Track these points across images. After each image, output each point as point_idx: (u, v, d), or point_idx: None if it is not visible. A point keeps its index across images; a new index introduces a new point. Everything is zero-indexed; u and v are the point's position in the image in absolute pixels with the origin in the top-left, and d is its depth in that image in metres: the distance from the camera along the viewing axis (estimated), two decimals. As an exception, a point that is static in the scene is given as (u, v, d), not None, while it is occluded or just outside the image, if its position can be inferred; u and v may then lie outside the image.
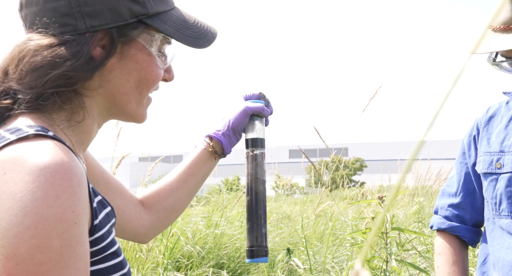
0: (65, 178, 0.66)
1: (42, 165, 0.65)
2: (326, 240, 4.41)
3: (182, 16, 0.88)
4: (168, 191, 1.10)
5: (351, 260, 3.58)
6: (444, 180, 7.49)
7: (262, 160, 1.09)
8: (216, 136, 1.12)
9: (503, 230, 1.38)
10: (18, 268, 0.61)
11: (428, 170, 7.61)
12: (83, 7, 0.77)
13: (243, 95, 1.17)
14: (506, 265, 1.34)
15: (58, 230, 0.63)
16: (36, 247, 0.62)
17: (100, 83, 0.81)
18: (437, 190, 7.28)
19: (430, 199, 6.31)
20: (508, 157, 1.38)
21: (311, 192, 9.85)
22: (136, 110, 0.86)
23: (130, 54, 0.82)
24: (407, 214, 5.12)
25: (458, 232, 1.51)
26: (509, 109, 1.45)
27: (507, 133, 1.42)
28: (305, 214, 4.97)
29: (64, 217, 0.64)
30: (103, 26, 0.78)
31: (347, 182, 9.11)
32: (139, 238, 1.08)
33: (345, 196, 7.75)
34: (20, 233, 0.62)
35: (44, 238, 0.62)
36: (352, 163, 29.98)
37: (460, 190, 1.53)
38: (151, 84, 0.85)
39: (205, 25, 0.90)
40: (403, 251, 2.17)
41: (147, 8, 0.81)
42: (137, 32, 0.81)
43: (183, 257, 3.57)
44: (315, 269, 3.50)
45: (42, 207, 0.63)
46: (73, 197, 0.65)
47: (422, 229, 4.43)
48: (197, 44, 0.86)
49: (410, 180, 8.09)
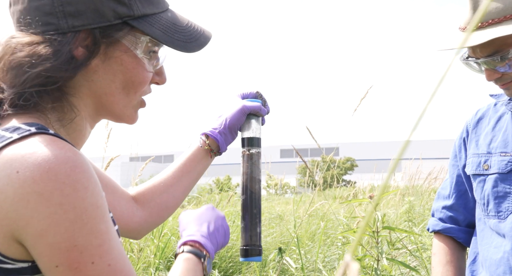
0: (83, 170, 0.69)
1: (59, 161, 0.67)
2: (317, 240, 4.43)
3: (174, 19, 0.86)
4: (163, 188, 1.10)
5: (343, 259, 3.59)
6: (434, 179, 7.55)
7: (258, 159, 1.09)
8: (212, 135, 1.11)
9: (492, 230, 1.40)
10: (84, 255, 0.67)
11: (417, 169, 7.66)
12: (66, 7, 0.77)
13: (240, 93, 1.16)
14: (493, 263, 1.37)
15: (100, 215, 0.69)
16: (90, 234, 0.68)
17: (85, 83, 0.81)
18: (428, 190, 7.33)
19: (421, 198, 6.35)
20: (495, 158, 1.41)
21: (302, 192, 9.87)
22: (123, 111, 0.85)
23: (114, 55, 0.81)
24: (398, 213, 5.15)
25: (452, 233, 1.54)
26: (497, 111, 1.48)
27: (494, 135, 1.44)
28: (296, 213, 4.98)
29: (99, 204, 0.70)
30: (85, 26, 0.77)
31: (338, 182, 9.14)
32: (131, 234, 1.09)
33: (336, 195, 7.78)
34: (70, 227, 0.67)
35: (93, 225, 0.68)
36: (343, 162, 30.08)
37: (452, 192, 1.55)
38: (137, 87, 0.84)
39: (198, 29, 0.88)
40: (393, 250, 2.18)
41: (133, 10, 0.80)
42: (122, 34, 0.80)
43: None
44: (306, 268, 3.51)
45: (77, 200, 0.67)
46: (97, 185, 0.71)
47: (412, 228, 4.46)
48: (185, 48, 0.84)
49: (401, 179, 8.15)
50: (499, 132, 1.44)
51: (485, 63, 1.30)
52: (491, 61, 1.29)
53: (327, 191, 11.07)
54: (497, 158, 1.40)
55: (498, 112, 1.47)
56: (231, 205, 4.71)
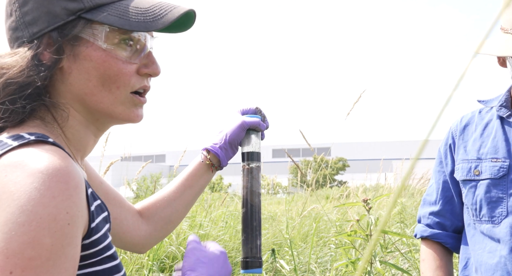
0: (61, 180, 0.68)
1: (41, 168, 0.68)
2: (309, 241, 4.44)
3: (137, 4, 0.83)
4: (166, 202, 1.11)
5: (335, 260, 3.62)
6: (427, 180, 7.59)
7: (257, 173, 1.11)
8: (213, 150, 1.13)
9: (484, 235, 1.42)
10: (8, 262, 0.63)
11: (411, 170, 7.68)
12: (25, 17, 0.80)
13: (239, 109, 1.19)
14: (489, 268, 1.38)
15: (51, 229, 0.65)
16: (28, 243, 0.64)
17: (65, 88, 0.82)
18: (420, 190, 7.38)
19: (413, 199, 6.40)
20: (485, 164, 1.43)
21: (294, 192, 9.89)
22: (113, 109, 0.83)
23: (81, 53, 0.80)
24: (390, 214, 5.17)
25: (440, 239, 1.56)
26: (483, 118, 1.51)
27: (483, 141, 1.46)
28: (288, 214, 4.99)
29: (58, 217, 0.66)
30: (43, 31, 0.79)
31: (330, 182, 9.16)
32: (136, 248, 1.10)
33: (327, 195, 7.80)
34: (13, 229, 0.64)
35: (37, 235, 0.64)
36: (335, 162, 30.17)
37: (439, 198, 1.57)
38: (117, 81, 0.82)
39: (165, 7, 0.83)
40: (386, 253, 2.20)
41: (84, 2, 0.80)
42: (79, 29, 0.80)
43: (168, 258, 3.56)
44: (299, 270, 3.52)
45: (37, 206, 0.65)
46: (68, 199, 0.68)
47: (404, 229, 4.49)
48: (145, 27, 0.80)
49: (394, 180, 8.18)
50: (488, 138, 1.46)
51: None
52: None
53: (319, 191, 11.11)
54: (488, 164, 1.42)
55: (485, 119, 1.50)
56: (224, 206, 4.72)
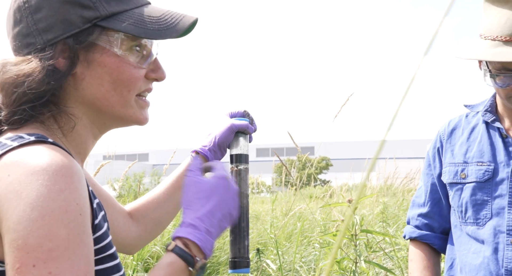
0: (66, 175, 0.70)
1: (44, 165, 0.70)
2: (294, 240, 4.47)
3: (149, 12, 0.87)
4: (156, 204, 1.13)
5: (320, 259, 3.65)
6: (410, 180, 7.70)
7: (246, 175, 1.12)
8: (202, 152, 1.15)
9: (469, 236, 1.46)
10: (29, 256, 0.66)
11: (395, 170, 7.80)
12: (38, 24, 0.81)
13: (228, 112, 1.21)
14: (473, 269, 1.42)
15: (64, 220, 0.68)
16: (44, 236, 0.66)
17: (77, 93, 0.84)
18: (402, 190, 7.47)
19: (395, 198, 6.47)
20: (471, 167, 1.47)
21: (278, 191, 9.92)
22: (124, 112, 0.86)
23: (95, 59, 0.83)
24: (373, 213, 5.23)
25: (428, 240, 1.59)
26: (469, 122, 1.55)
27: (469, 145, 1.51)
28: (273, 213, 5.01)
29: (69, 209, 0.69)
30: (58, 38, 0.81)
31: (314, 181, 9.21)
32: (126, 249, 1.11)
33: (311, 194, 7.85)
34: (28, 225, 0.66)
35: (52, 227, 0.67)
36: (318, 161, 30.35)
37: (427, 200, 1.61)
38: (128, 85, 0.85)
39: (175, 16, 0.88)
40: (371, 252, 2.23)
41: (99, 11, 0.82)
42: (95, 36, 0.82)
43: (152, 258, 3.55)
44: (283, 269, 3.55)
45: (47, 201, 0.68)
46: (75, 191, 0.70)
47: (387, 229, 4.54)
48: (160, 36, 0.85)
49: (376, 180, 8.27)
50: (474, 142, 1.50)
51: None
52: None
53: (302, 190, 11.16)
54: (474, 167, 1.46)
55: (471, 123, 1.54)
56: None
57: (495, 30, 1.33)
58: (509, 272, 1.35)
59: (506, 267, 1.35)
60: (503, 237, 1.37)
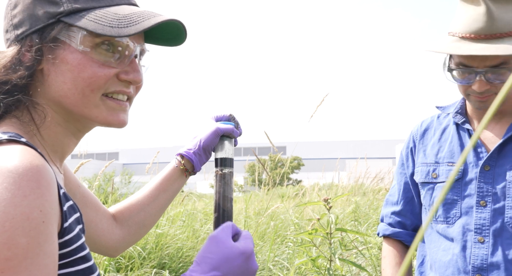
0: (32, 179, 0.68)
1: (11, 167, 0.68)
2: (267, 239, 4.48)
3: (118, 11, 0.84)
4: (140, 206, 1.12)
5: (293, 258, 3.67)
6: (381, 179, 7.82)
7: (230, 179, 1.12)
8: (187, 155, 1.15)
9: (439, 234, 1.50)
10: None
11: (367, 170, 7.91)
12: (13, 20, 0.84)
13: (213, 116, 1.21)
14: (442, 265, 1.47)
15: (25, 228, 0.65)
16: (3, 243, 0.64)
17: (44, 89, 0.83)
18: (373, 189, 7.57)
19: (366, 198, 6.56)
20: (442, 167, 1.51)
21: (250, 190, 9.93)
22: (89, 113, 0.83)
23: (59, 55, 0.82)
24: (344, 212, 5.30)
25: (400, 237, 1.63)
26: (441, 123, 1.59)
27: (441, 145, 1.55)
28: (245, 212, 5.01)
29: (31, 216, 0.66)
30: (25, 33, 0.82)
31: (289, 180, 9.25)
32: (109, 251, 1.10)
33: (283, 194, 7.88)
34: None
35: (11, 235, 0.64)
36: (290, 161, 30.50)
37: (400, 198, 1.65)
38: (91, 84, 0.82)
39: (145, 16, 0.84)
40: (345, 250, 2.26)
41: (63, 6, 0.82)
42: (56, 31, 0.82)
43: (123, 258, 3.51)
44: (257, 268, 3.55)
45: (9, 206, 0.65)
46: (40, 197, 0.68)
47: (358, 227, 4.60)
48: (117, 32, 0.80)
49: (348, 179, 8.37)
50: (445, 143, 1.54)
51: (488, 73, 1.33)
52: (495, 71, 1.33)
53: (275, 189, 11.20)
54: (445, 168, 1.50)
55: (442, 124, 1.58)
56: (181, 205, 4.68)
57: (457, 27, 1.38)
58: (476, 268, 1.39)
59: (473, 264, 1.39)
60: (471, 235, 1.41)
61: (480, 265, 1.38)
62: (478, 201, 1.42)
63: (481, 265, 1.38)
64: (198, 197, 6.67)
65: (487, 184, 1.41)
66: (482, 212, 1.40)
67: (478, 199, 1.42)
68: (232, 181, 1.13)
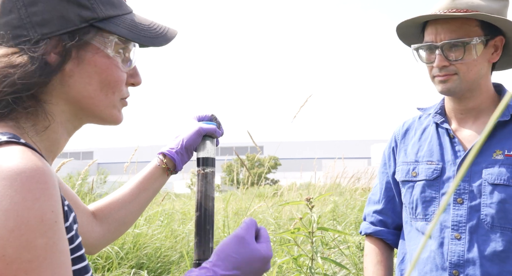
0: (40, 181, 0.69)
1: (18, 170, 0.68)
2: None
3: (138, 20, 0.90)
4: (120, 204, 1.13)
5: (274, 257, 3.68)
6: (357, 179, 7.91)
7: (212, 178, 1.14)
8: (169, 154, 1.16)
9: (419, 231, 1.54)
10: (9, 268, 0.65)
11: (344, 170, 7.99)
12: (33, 18, 0.81)
13: (196, 116, 1.22)
14: (421, 262, 1.50)
15: (41, 230, 0.67)
16: (23, 247, 0.66)
17: (63, 89, 0.83)
18: (350, 189, 7.66)
19: (343, 197, 6.62)
20: (422, 166, 1.55)
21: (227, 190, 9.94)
22: (106, 112, 0.87)
23: (87, 58, 0.84)
24: (322, 212, 5.34)
25: (382, 235, 1.67)
26: (421, 124, 1.64)
27: (420, 145, 1.59)
28: (223, 212, 5.01)
29: (45, 217, 0.68)
30: (54, 33, 0.81)
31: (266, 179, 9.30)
32: (88, 249, 1.09)
33: (261, 193, 7.90)
34: (5, 235, 0.65)
35: (29, 238, 0.66)
36: (268, 161, 30.56)
37: (382, 197, 1.69)
38: (114, 86, 0.87)
39: (162, 27, 0.92)
40: (327, 249, 2.29)
41: (97, 12, 0.84)
42: (90, 36, 0.84)
43: (101, 258, 3.46)
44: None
45: (22, 210, 0.66)
46: (50, 198, 0.69)
47: (336, 226, 4.65)
48: (152, 43, 0.89)
49: (325, 179, 8.44)
50: (425, 142, 1.58)
51: (445, 46, 1.43)
52: (453, 44, 1.42)
53: (252, 189, 11.22)
54: (424, 166, 1.54)
55: (423, 125, 1.63)
56: (158, 205, 4.65)
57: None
58: (453, 264, 1.42)
59: (450, 260, 1.43)
60: (448, 231, 1.44)
61: (456, 261, 1.42)
62: (455, 199, 1.45)
63: (458, 261, 1.42)
64: (176, 196, 6.63)
65: (464, 181, 1.45)
66: (459, 209, 1.44)
67: (455, 196, 1.46)
68: (213, 180, 1.14)
